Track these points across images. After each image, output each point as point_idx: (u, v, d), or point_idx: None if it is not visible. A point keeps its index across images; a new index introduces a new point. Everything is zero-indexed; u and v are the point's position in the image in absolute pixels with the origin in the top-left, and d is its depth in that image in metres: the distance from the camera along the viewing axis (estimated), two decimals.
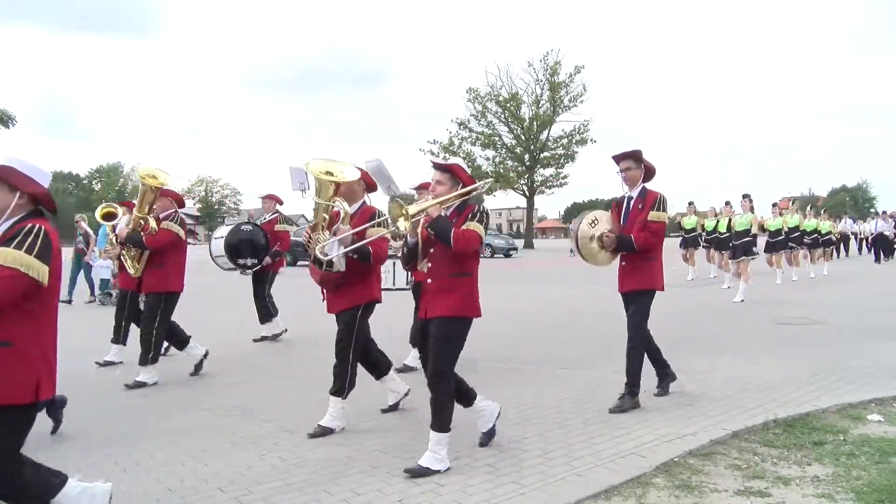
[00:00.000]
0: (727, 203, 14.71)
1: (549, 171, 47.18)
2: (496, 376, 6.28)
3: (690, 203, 17.11)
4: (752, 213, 12.76)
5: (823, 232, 17.68)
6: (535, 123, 46.04)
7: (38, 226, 2.84)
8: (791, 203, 17.73)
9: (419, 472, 3.73)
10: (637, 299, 5.03)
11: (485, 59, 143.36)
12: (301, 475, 3.85)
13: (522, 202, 50.51)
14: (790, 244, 15.83)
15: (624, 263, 5.11)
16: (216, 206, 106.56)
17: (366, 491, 3.58)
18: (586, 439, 4.29)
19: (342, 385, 4.65)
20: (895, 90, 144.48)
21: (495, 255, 33.03)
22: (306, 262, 20.37)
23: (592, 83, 78.70)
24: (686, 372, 6.10)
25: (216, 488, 3.71)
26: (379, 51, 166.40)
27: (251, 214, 24.31)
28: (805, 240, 16.74)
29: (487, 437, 4.27)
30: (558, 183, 46.95)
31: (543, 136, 46.49)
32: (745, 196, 13.61)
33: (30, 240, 2.77)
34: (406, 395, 5.23)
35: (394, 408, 5.19)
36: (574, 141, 45.87)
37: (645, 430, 4.42)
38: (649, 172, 5.20)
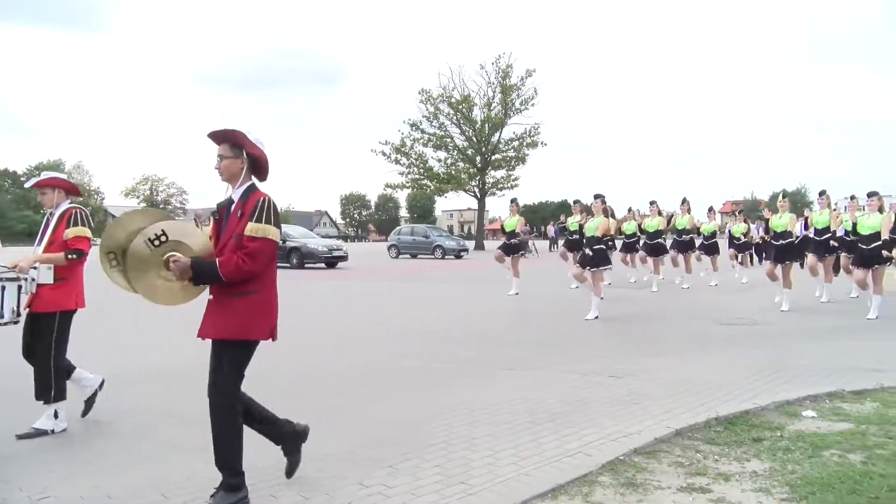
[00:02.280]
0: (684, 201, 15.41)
1: (500, 174, 47.54)
2: (447, 377, 6.31)
3: (630, 209, 17.30)
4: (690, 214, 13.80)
5: (736, 235, 16.49)
6: (486, 125, 46.32)
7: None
8: (738, 211, 17.81)
9: None
10: (222, 352, 3.47)
11: (438, 61, 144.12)
12: (248, 480, 3.78)
13: (474, 204, 50.78)
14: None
15: (211, 297, 3.51)
16: (162, 206, 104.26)
17: (314, 494, 3.55)
18: (535, 439, 4.34)
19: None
20: (833, 99, 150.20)
21: (446, 257, 33.14)
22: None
23: (543, 87, 79.65)
24: (632, 372, 6.24)
25: (160, 494, 3.62)
26: (332, 49, 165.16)
27: (198, 214, 23.78)
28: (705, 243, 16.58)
29: None
30: (509, 185, 47.32)
31: (495, 138, 46.82)
32: (683, 200, 14.46)
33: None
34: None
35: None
36: (525, 143, 46.32)
37: (592, 429, 4.50)
38: (258, 165, 3.60)
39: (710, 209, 16.89)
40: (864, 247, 9.88)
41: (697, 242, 15.67)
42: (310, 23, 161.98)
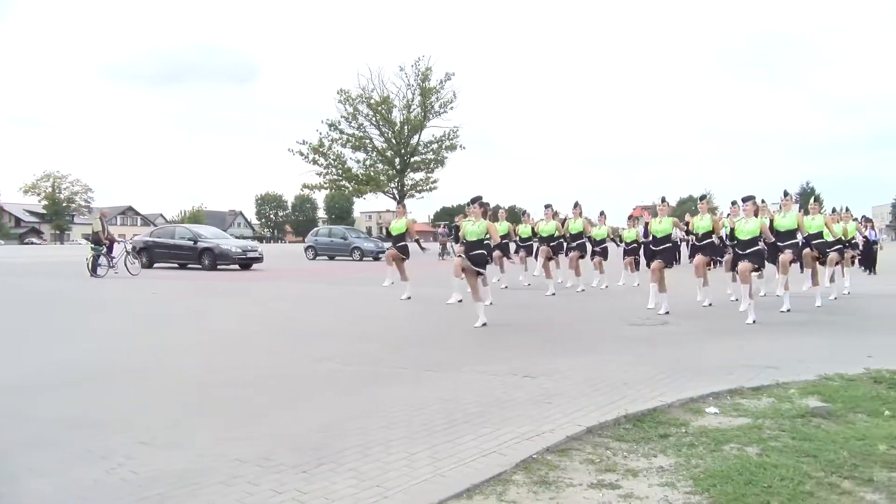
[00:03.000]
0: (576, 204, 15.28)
1: (419, 176, 47.72)
2: (363, 380, 6.26)
3: (524, 213, 17.36)
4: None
5: (628, 240, 16.14)
6: (406, 127, 46.36)
7: None
8: (629, 217, 17.97)
9: None
10: None
11: (357, 61, 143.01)
12: (156, 489, 3.64)
13: (393, 205, 50.67)
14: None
15: None
16: (65, 204, 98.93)
17: (226, 502, 3.45)
18: (451, 440, 4.36)
19: None
20: (736, 111, 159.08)
21: (364, 259, 32.90)
22: (168, 265, 19.24)
23: (462, 90, 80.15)
24: (546, 372, 6.38)
25: None
26: (248, 46, 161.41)
27: (104, 213, 22.76)
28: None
29: None
30: (428, 187, 47.53)
31: (414, 140, 46.94)
32: (575, 204, 14.92)
33: None
34: None
35: None
36: (444, 146, 46.67)
37: (507, 428, 4.57)
38: None
39: (602, 213, 16.68)
40: (741, 251, 10.14)
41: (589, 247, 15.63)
42: (224, 18, 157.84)
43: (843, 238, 13.17)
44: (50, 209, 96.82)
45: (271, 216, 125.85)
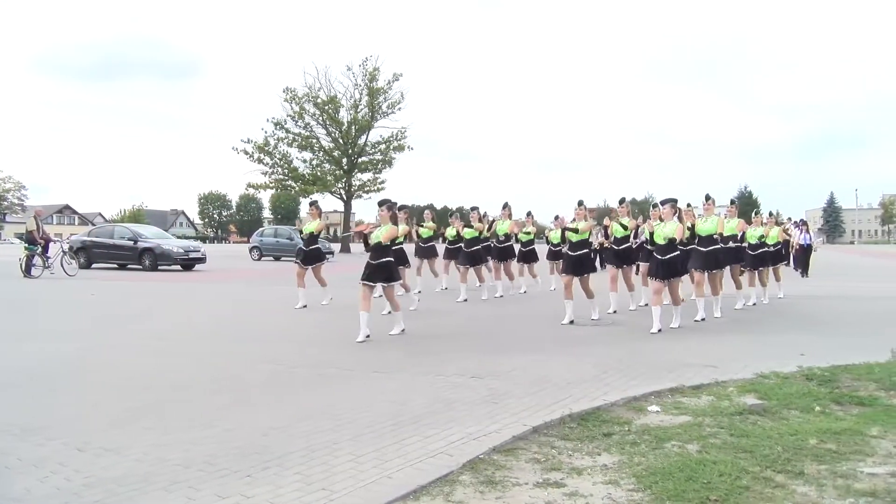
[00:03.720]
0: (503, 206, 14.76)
1: (366, 176, 47.41)
2: (309, 382, 6.19)
3: (451, 214, 16.17)
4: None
5: (554, 241, 15.31)
6: (353, 128, 46.02)
7: None
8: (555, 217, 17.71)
9: None
10: None
11: (303, 59, 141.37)
12: (92, 496, 3.52)
13: (340, 206, 50.28)
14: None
15: None
16: None
17: None
18: (398, 441, 4.35)
19: None
20: (674, 117, 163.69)
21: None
22: (107, 265, 18.69)
23: (410, 92, 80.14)
24: (493, 373, 6.42)
25: None
26: (190, 41, 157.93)
27: (38, 212, 21.93)
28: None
29: None
30: (376, 188, 47.27)
31: (362, 140, 46.63)
32: (528, 214, 14.75)
33: None
34: None
35: None
36: (392, 147, 46.50)
37: (454, 429, 4.58)
38: None
39: (529, 213, 16.03)
40: (660, 256, 9.55)
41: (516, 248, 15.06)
42: (166, 11, 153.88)
43: (746, 243, 12.48)
44: None
45: (215, 216, 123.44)
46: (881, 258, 38.28)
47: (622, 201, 11.94)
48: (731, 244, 11.55)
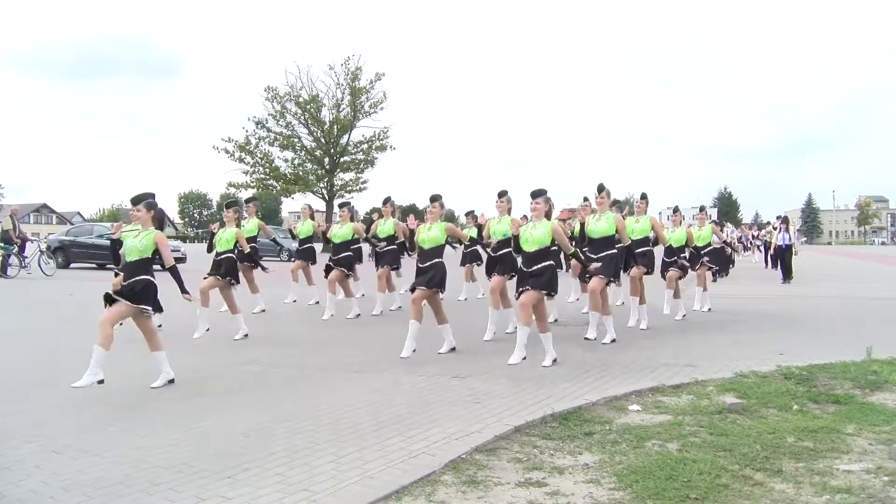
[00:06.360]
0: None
1: (348, 176, 47.18)
2: (290, 383, 6.16)
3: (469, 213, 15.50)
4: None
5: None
6: (335, 127, 45.81)
7: None
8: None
9: None
10: None
11: (284, 59, 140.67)
12: (69, 499, 3.48)
13: (322, 205, 50.04)
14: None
15: None
16: None
17: None
18: (379, 441, 4.34)
19: None
20: (653, 118, 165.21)
21: (292, 259, 32.34)
22: (85, 265, 18.39)
23: (392, 91, 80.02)
24: (474, 373, 6.43)
25: None
26: (170, 39, 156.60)
27: (14, 211, 21.59)
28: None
29: None
30: (358, 188, 47.09)
31: (344, 140, 46.44)
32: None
33: None
34: None
35: None
36: (374, 147, 46.33)
37: (436, 429, 4.58)
38: None
39: (469, 213, 14.97)
40: (593, 255, 8.39)
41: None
42: (146, 9, 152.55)
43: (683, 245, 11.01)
44: None
45: (195, 215, 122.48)
46: (864, 260, 38.74)
47: (586, 199, 10.38)
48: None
